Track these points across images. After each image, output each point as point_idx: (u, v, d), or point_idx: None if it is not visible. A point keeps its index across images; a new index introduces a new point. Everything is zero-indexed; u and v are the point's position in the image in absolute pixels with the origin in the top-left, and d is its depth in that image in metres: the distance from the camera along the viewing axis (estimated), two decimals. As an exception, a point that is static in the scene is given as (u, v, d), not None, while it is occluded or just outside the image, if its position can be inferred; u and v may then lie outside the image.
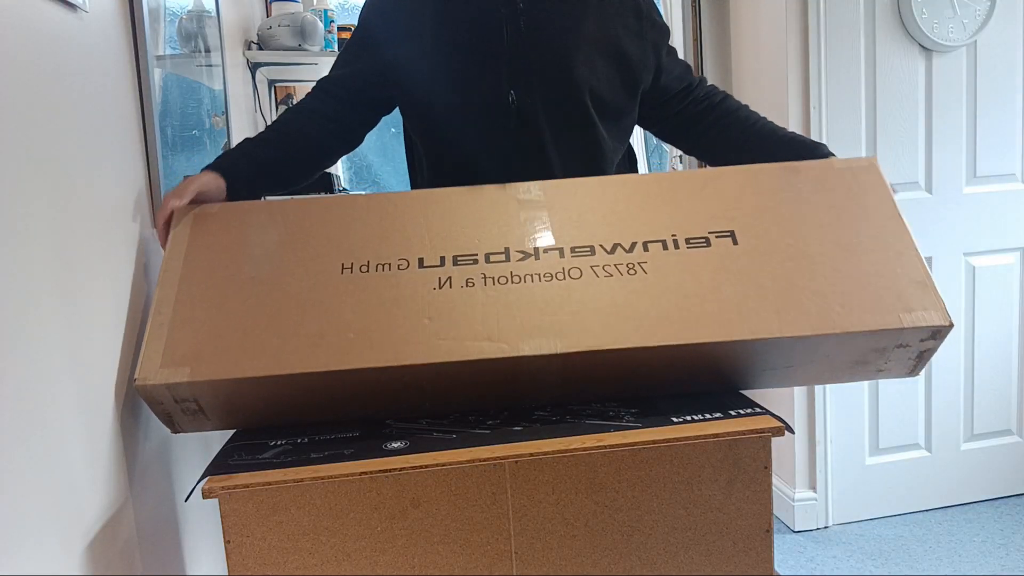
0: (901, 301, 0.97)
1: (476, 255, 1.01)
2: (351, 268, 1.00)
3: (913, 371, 1.02)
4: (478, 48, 1.21)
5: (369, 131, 1.35)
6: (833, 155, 1.22)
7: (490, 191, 1.09)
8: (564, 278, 0.99)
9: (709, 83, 1.40)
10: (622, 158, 1.38)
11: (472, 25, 1.21)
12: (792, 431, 0.94)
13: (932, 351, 0.99)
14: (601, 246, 1.01)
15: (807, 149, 1.25)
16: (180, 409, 0.95)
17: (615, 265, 1.00)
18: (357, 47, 1.31)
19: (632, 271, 0.99)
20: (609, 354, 0.93)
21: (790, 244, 1.02)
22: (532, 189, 1.09)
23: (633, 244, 1.01)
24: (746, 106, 1.37)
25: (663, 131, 1.43)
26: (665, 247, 1.01)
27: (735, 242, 1.02)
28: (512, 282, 0.99)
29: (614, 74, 1.27)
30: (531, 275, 0.99)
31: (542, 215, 1.06)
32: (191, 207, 1.06)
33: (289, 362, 0.92)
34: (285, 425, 1.00)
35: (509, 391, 0.99)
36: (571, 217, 1.05)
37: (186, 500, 1.22)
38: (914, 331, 0.96)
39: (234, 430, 1.01)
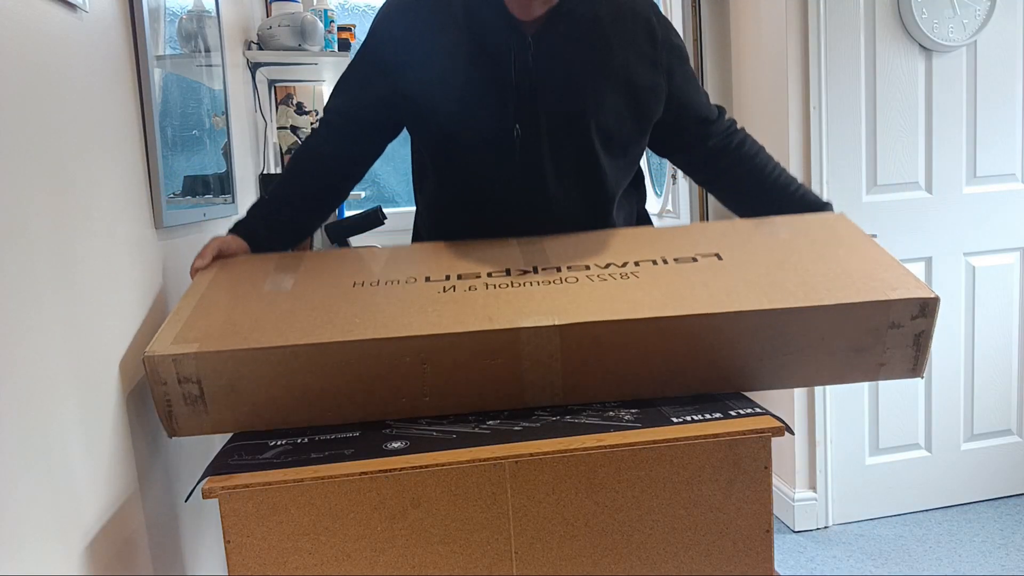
0: (885, 283, 1.02)
1: (479, 272, 1.10)
2: (362, 284, 1.09)
3: (915, 366, 1.03)
4: (486, 81, 1.21)
5: (378, 158, 1.37)
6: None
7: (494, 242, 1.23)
8: (561, 283, 1.06)
9: (729, 117, 1.39)
10: (633, 184, 1.39)
11: (482, 58, 1.21)
12: (792, 431, 0.95)
13: (928, 336, 1.01)
14: (595, 264, 1.11)
15: (815, 206, 1.31)
16: (182, 394, 0.96)
17: (609, 274, 1.08)
18: (366, 72, 1.29)
19: (625, 277, 1.07)
20: (605, 327, 0.97)
21: (773, 258, 1.10)
22: (533, 239, 1.23)
23: (625, 262, 1.11)
24: (762, 148, 1.38)
25: (679, 161, 1.44)
26: (655, 263, 1.11)
27: (720, 258, 1.11)
28: (512, 287, 1.05)
29: (623, 107, 1.26)
30: (530, 282, 1.07)
31: (541, 249, 1.18)
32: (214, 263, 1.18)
33: (294, 336, 0.96)
34: (284, 426, 1.00)
35: (511, 379, 0.98)
36: (567, 249, 1.17)
37: (186, 500, 1.22)
38: (902, 304, 0.99)
39: (232, 433, 1.00)
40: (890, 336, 1.01)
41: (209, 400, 0.96)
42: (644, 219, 1.46)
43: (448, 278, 1.09)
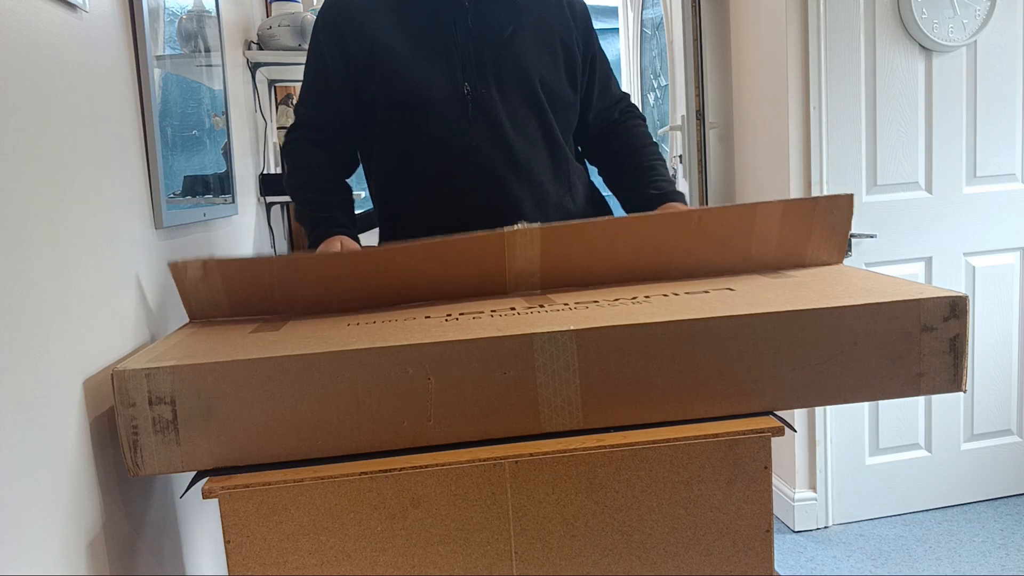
0: (911, 289, 1.00)
1: (483, 311, 1.04)
2: (357, 324, 1.01)
3: (956, 376, 1.00)
4: (431, 47, 1.32)
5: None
6: (683, 200, 1.40)
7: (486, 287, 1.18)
8: (573, 309, 1.01)
9: (631, 106, 1.52)
10: (576, 151, 1.49)
11: (424, 27, 1.33)
12: (793, 429, 0.94)
13: (963, 341, 0.99)
14: (604, 299, 1.07)
15: (662, 195, 1.40)
16: (152, 419, 0.85)
17: (620, 303, 1.03)
18: (323, 82, 1.39)
19: (638, 303, 1.02)
20: (625, 332, 0.91)
21: (787, 287, 1.07)
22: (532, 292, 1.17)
23: (635, 296, 1.07)
24: (649, 143, 1.48)
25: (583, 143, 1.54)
26: (666, 296, 1.07)
27: (732, 290, 1.07)
28: (521, 315, 1.00)
29: (559, 64, 1.38)
30: (538, 311, 1.01)
31: (544, 297, 1.13)
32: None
33: (284, 349, 0.88)
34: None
35: (524, 396, 0.91)
36: (570, 294, 1.13)
37: (181, 497, 1.22)
38: (932, 304, 0.97)
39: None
40: (925, 341, 0.98)
41: (182, 426, 0.85)
42: (597, 191, 1.54)
43: (450, 315, 1.02)
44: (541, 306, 1.05)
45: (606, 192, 1.54)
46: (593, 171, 1.55)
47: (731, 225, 1.17)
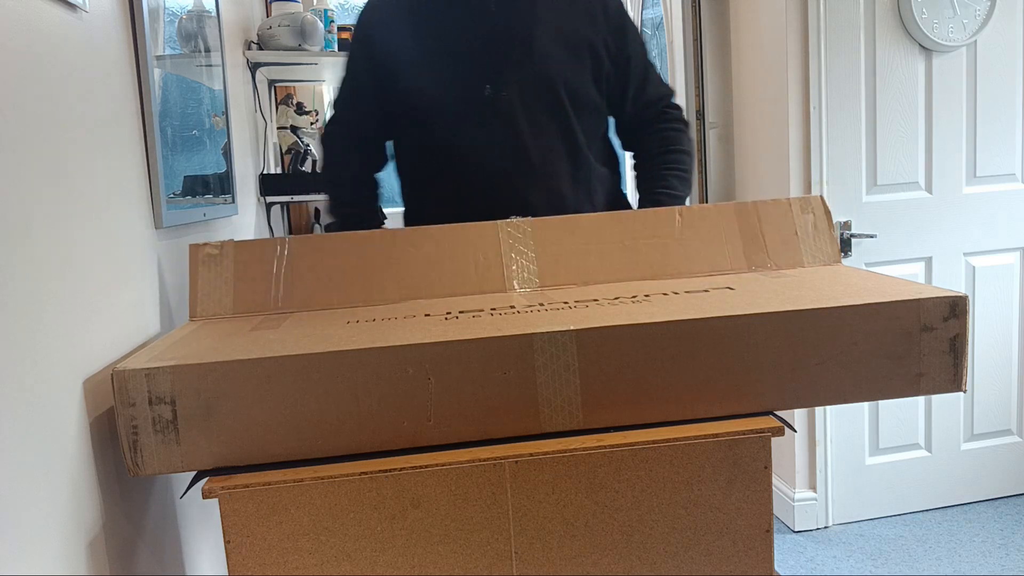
0: (911, 289, 1.00)
1: (482, 310, 1.04)
2: (356, 322, 1.01)
3: (956, 376, 1.00)
4: (455, 48, 1.32)
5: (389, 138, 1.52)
6: None
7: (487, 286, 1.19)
8: (572, 309, 1.01)
9: (676, 112, 1.50)
10: (605, 155, 1.48)
11: (449, 30, 1.33)
12: (793, 429, 0.94)
13: (963, 341, 0.98)
14: (603, 297, 1.07)
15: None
16: (151, 419, 0.85)
17: (620, 302, 1.03)
18: (353, 81, 1.45)
19: (638, 302, 1.03)
20: (625, 331, 0.91)
21: (787, 286, 1.07)
22: (532, 289, 1.17)
23: (635, 295, 1.07)
24: (678, 151, 1.47)
25: (620, 131, 1.54)
26: (666, 295, 1.06)
27: (732, 289, 1.07)
28: (520, 314, 0.99)
29: (585, 68, 1.37)
30: (537, 310, 1.01)
31: (542, 293, 1.14)
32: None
33: (284, 348, 0.88)
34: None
35: (525, 397, 0.91)
36: (570, 293, 1.13)
37: (181, 497, 1.22)
38: (932, 304, 0.96)
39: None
40: (924, 341, 0.98)
41: (182, 426, 0.85)
42: (623, 199, 1.53)
43: (450, 313, 1.02)
44: (541, 304, 1.04)
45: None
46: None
47: (713, 223, 1.19)
